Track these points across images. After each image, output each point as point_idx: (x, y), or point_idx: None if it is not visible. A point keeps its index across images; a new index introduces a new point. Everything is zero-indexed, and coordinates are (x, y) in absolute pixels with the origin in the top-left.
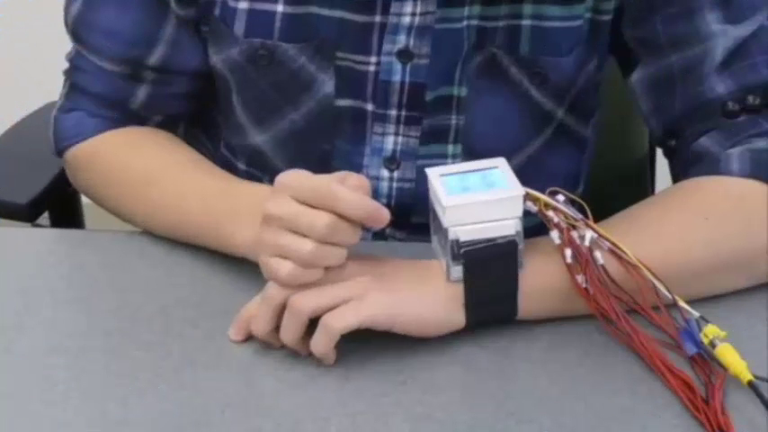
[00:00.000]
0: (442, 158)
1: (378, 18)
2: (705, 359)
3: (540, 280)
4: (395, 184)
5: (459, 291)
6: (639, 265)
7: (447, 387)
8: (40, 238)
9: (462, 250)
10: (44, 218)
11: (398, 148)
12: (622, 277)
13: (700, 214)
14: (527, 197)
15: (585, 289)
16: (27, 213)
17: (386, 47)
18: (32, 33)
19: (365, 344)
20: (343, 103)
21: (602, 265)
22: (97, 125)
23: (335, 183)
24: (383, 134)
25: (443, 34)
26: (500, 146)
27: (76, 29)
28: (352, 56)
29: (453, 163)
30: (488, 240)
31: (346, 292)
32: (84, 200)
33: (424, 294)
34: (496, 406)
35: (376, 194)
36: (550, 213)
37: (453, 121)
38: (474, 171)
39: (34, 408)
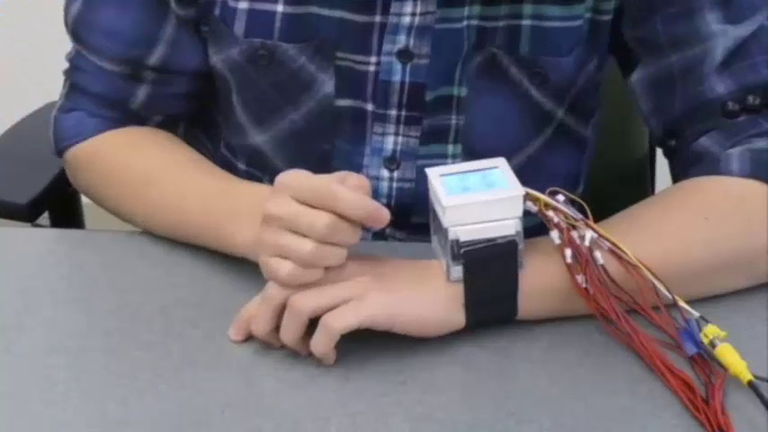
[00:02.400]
0: (442, 158)
1: (378, 18)
2: (705, 359)
3: (540, 280)
4: (395, 184)
5: (459, 291)
6: (639, 265)
7: (447, 387)
8: (40, 238)
9: (462, 250)
10: (44, 218)
11: (398, 148)
12: (622, 277)
13: (700, 214)
14: (527, 197)
15: (585, 289)
16: (27, 213)
17: (386, 47)
18: (32, 33)
19: (365, 344)
20: (343, 103)
21: (602, 265)
22: (97, 125)
23: (335, 183)
24: (383, 134)
25: (443, 34)
26: (500, 146)
27: (76, 29)
28: (352, 56)
29: (453, 163)
30: (488, 240)
31: (346, 292)
32: (84, 200)
33: (424, 294)
34: (496, 406)
35: (376, 194)
36: (550, 213)
37: (453, 121)
38: (474, 171)
39: (34, 408)
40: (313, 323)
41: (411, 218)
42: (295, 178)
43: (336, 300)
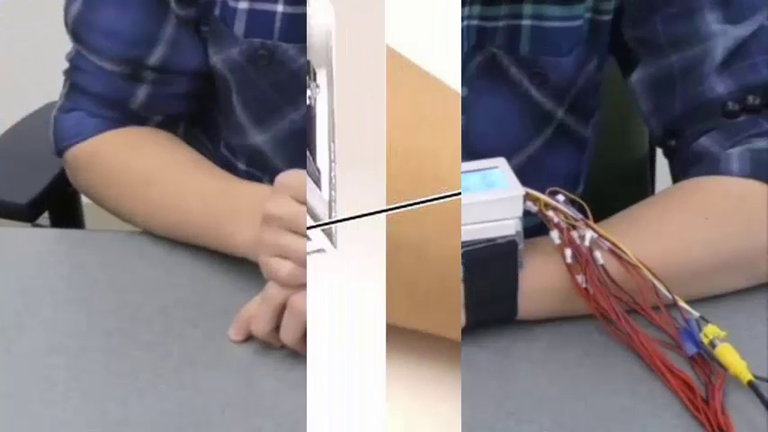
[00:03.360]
0: None
1: None
2: (705, 359)
3: (540, 280)
4: None
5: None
6: (639, 265)
7: None
8: (40, 238)
9: (462, 250)
10: (44, 218)
11: None
12: (622, 277)
13: (700, 214)
14: (527, 197)
15: (585, 289)
16: (27, 213)
17: None
18: (32, 33)
19: None
20: None
21: (602, 265)
22: (97, 125)
23: None
24: None
25: None
26: (500, 146)
27: (76, 29)
28: None
29: None
30: (488, 240)
31: None
32: (85, 200)
33: None
34: (496, 406)
35: None
36: (550, 213)
37: None
38: (474, 171)
39: (34, 408)
40: None
41: None
42: (295, 178)
43: None
